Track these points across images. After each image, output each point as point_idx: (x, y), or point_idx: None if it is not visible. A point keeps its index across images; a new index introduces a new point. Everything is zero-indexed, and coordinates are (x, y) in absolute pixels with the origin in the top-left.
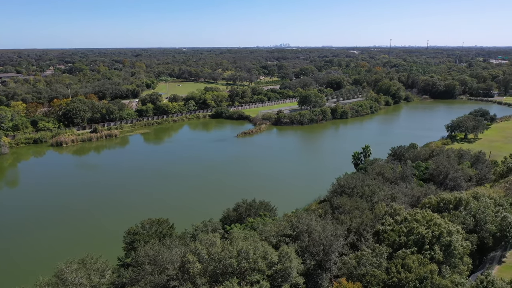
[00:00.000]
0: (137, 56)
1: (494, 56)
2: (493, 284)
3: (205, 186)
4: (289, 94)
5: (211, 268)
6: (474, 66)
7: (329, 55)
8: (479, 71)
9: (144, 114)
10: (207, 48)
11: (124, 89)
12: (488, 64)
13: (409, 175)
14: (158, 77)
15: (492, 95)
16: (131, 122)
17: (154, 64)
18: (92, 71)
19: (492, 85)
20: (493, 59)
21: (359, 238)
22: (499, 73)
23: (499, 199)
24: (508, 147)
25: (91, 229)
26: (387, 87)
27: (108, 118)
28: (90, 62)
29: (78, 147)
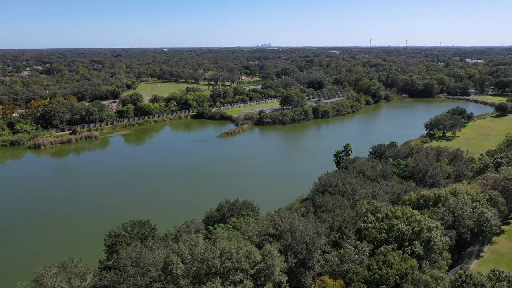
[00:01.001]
0: (117, 56)
1: (470, 56)
2: (472, 278)
3: (187, 187)
4: (271, 94)
5: (195, 268)
6: (451, 66)
7: (310, 55)
8: (456, 71)
9: (124, 115)
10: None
11: (104, 90)
12: (465, 63)
13: (389, 173)
14: (139, 77)
15: (469, 93)
16: (111, 123)
17: (134, 65)
18: (70, 71)
19: (469, 84)
20: (469, 59)
21: (341, 236)
22: (475, 72)
23: (476, 195)
24: (485, 145)
25: (71, 233)
26: (368, 86)
27: (87, 119)
28: (68, 63)
29: (57, 149)
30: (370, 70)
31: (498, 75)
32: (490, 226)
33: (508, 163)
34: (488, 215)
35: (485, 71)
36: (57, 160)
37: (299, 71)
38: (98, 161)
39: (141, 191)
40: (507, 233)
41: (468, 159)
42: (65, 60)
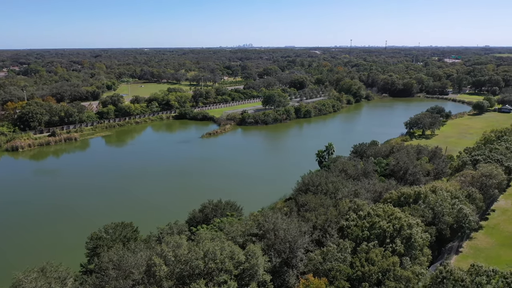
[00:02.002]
0: (97, 56)
1: (448, 56)
2: (452, 274)
3: (170, 188)
4: (253, 94)
5: (178, 270)
6: (430, 65)
7: (292, 55)
8: (434, 70)
9: (105, 116)
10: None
11: (84, 90)
12: (443, 63)
13: (371, 171)
14: (119, 78)
15: (447, 92)
16: (91, 125)
17: (114, 65)
18: (49, 72)
19: (447, 83)
20: (447, 59)
21: (324, 234)
22: (453, 71)
23: (455, 192)
24: (463, 142)
25: (51, 236)
26: (349, 86)
27: (67, 121)
28: (46, 63)
29: (36, 151)
30: (351, 70)
31: (475, 74)
32: (468, 222)
33: (485, 160)
34: (466, 211)
35: (462, 71)
36: (35, 162)
37: (281, 71)
38: (78, 163)
39: (122, 193)
40: (485, 229)
41: (447, 156)
42: (43, 60)
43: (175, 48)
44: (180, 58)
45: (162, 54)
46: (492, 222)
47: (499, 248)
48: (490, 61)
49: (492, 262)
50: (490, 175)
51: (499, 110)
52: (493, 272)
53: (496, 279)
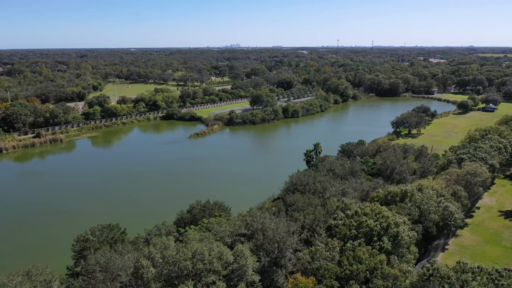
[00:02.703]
0: (82, 57)
1: (433, 56)
2: (438, 271)
3: (157, 189)
4: (240, 94)
5: (166, 271)
6: (415, 65)
7: (279, 55)
8: (420, 70)
9: (91, 117)
10: (156, 49)
11: (69, 91)
12: (428, 63)
13: (358, 171)
14: (106, 78)
15: (432, 92)
16: (77, 126)
17: (100, 65)
18: (33, 73)
19: (432, 83)
20: (432, 58)
21: (313, 233)
22: (438, 71)
23: (441, 190)
24: (448, 141)
25: (37, 239)
26: (336, 86)
27: (52, 122)
28: (31, 64)
29: (20, 153)
30: (338, 70)
31: (460, 74)
32: (454, 220)
33: (470, 158)
34: (452, 209)
35: (447, 70)
36: (20, 164)
37: (268, 71)
38: (64, 164)
39: (109, 194)
40: (470, 226)
41: (433, 155)
42: (27, 61)
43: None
44: (167, 58)
45: (149, 54)
46: (477, 219)
47: (484, 245)
48: (474, 61)
49: (478, 259)
50: (475, 173)
51: (483, 109)
52: (479, 269)
53: (481, 276)
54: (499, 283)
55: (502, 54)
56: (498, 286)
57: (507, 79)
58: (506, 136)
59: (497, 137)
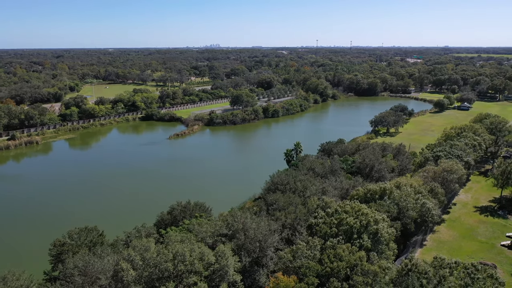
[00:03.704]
0: (59, 57)
1: (410, 56)
2: (416, 266)
3: (137, 191)
4: (221, 95)
5: (146, 274)
6: (393, 65)
7: (259, 55)
8: (397, 70)
9: (68, 119)
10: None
11: (45, 92)
12: (405, 63)
13: (338, 169)
14: (83, 79)
15: (409, 91)
16: (54, 127)
17: (77, 66)
18: (7, 73)
19: (409, 82)
20: (409, 58)
21: (294, 232)
22: (415, 71)
23: (419, 187)
24: (425, 139)
25: (12, 244)
26: (315, 85)
27: (27, 124)
28: (4, 64)
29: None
30: (317, 70)
31: (435, 73)
32: (431, 216)
33: (446, 156)
34: (429, 206)
35: (423, 70)
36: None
37: (248, 71)
38: (40, 167)
39: (87, 197)
40: (447, 222)
41: (410, 153)
42: (1, 61)
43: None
44: (146, 59)
45: (127, 54)
46: (453, 215)
47: (461, 240)
48: (449, 60)
49: (454, 253)
50: (451, 170)
51: (458, 108)
52: (455, 264)
53: (458, 270)
54: (475, 277)
55: (476, 54)
56: (474, 280)
57: (480, 78)
58: (480, 134)
59: (472, 135)
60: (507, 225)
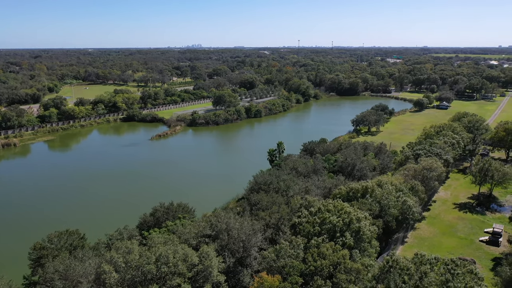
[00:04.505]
0: (37, 57)
1: (390, 56)
2: (398, 263)
3: (118, 193)
4: (203, 95)
5: (129, 276)
6: (373, 65)
7: (241, 56)
8: (378, 70)
9: (47, 120)
10: (115, 49)
11: (23, 93)
12: (385, 63)
13: (320, 168)
14: (62, 80)
15: (390, 91)
16: (32, 129)
17: (56, 66)
18: None
19: (390, 82)
20: (389, 58)
21: (277, 232)
22: (395, 71)
23: (399, 185)
24: (405, 138)
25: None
26: (297, 85)
27: (4, 125)
28: None
29: None
30: (299, 70)
31: (415, 73)
32: (412, 213)
33: (426, 154)
34: (410, 203)
35: (403, 70)
36: None
37: (230, 72)
38: (18, 170)
39: (68, 200)
40: (428, 219)
41: (391, 152)
42: None
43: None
44: (126, 59)
45: (107, 54)
46: (433, 212)
47: (441, 237)
48: (428, 60)
49: (435, 250)
50: (431, 168)
51: (437, 107)
52: (435, 260)
53: (438, 266)
54: (454, 272)
55: (453, 54)
56: (454, 275)
57: (458, 78)
58: (458, 132)
59: (451, 133)
60: (485, 221)
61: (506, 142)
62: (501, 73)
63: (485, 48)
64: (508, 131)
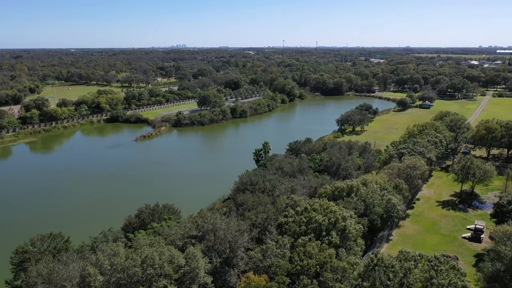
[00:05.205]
0: (17, 58)
1: (373, 56)
2: (382, 260)
3: (103, 195)
4: (188, 95)
5: (115, 279)
6: (357, 65)
7: (226, 56)
8: (362, 70)
9: (29, 122)
10: (99, 49)
11: (3, 94)
12: (369, 63)
13: (306, 168)
14: (44, 80)
15: (373, 90)
16: (13, 131)
17: (38, 67)
18: None
19: (374, 81)
20: (373, 58)
21: (264, 232)
22: (379, 71)
23: (384, 184)
24: (389, 137)
25: None
26: (282, 85)
27: None
28: None
29: None
30: (284, 70)
31: (398, 73)
32: (397, 212)
33: (409, 153)
34: (394, 201)
35: (387, 70)
36: None
37: (215, 72)
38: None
39: (50, 202)
40: (412, 217)
41: (376, 151)
42: None
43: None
44: (110, 59)
45: (90, 55)
46: (417, 210)
47: (424, 234)
48: (411, 60)
49: (419, 247)
50: (414, 167)
51: (420, 106)
52: (419, 257)
53: (422, 263)
54: (438, 269)
55: (435, 54)
56: (437, 271)
57: (440, 77)
58: (441, 131)
59: (434, 132)
60: (467, 218)
61: (487, 140)
62: (482, 73)
63: (466, 48)
64: (489, 130)
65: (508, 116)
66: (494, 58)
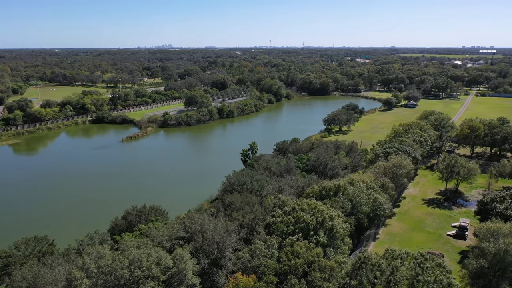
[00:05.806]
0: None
1: (359, 56)
2: (369, 259)
3: (89, 196)
4: (174, 96)
5: (101, 282)
6: (343, 65)
7: (213, 56)
8: (348, 70)
9: (12, 123)
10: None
11: None
12: (355, 63)
13: (293, 168)
14: (27, 81)
15: (360, 90)
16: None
17: (21, 67)
18: None
19: (359, 81)
20: (358, 58)
21: (252, 232)
22: (364, 71)
23: (370, 183)
24: (376, 136)
25: None
26: (269, 86)
27: None
28: None
29: None
30: (271, 70)
31: (384, 73)
32: (383, 210)
33: (395, 152)
34: (381, 200)
35: (372, 70)
36: None
37: (202, 72)
38: None
39: (34, 205)
40: (398, 215)
41: (362, 150)
42: None
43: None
44: (95, 59)
45: (75, 55)
46: (403, 208)
47: (411, 232)
48: (396, 60)
49: (405, 245)
50: (400, 166)
51: (405, 106)
52: (406, 254)
53: (409, 261)
54: (424, 266)
55: (420, 54)
56: (423, 269)
57: (425, 77)
58: (426, 130)
59: (419, 131)
60: (452, 215)
61: (471, 139)
62: (465, 73)
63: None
64: (472, 129)
65: (491, 115)
66: (477, 58)
